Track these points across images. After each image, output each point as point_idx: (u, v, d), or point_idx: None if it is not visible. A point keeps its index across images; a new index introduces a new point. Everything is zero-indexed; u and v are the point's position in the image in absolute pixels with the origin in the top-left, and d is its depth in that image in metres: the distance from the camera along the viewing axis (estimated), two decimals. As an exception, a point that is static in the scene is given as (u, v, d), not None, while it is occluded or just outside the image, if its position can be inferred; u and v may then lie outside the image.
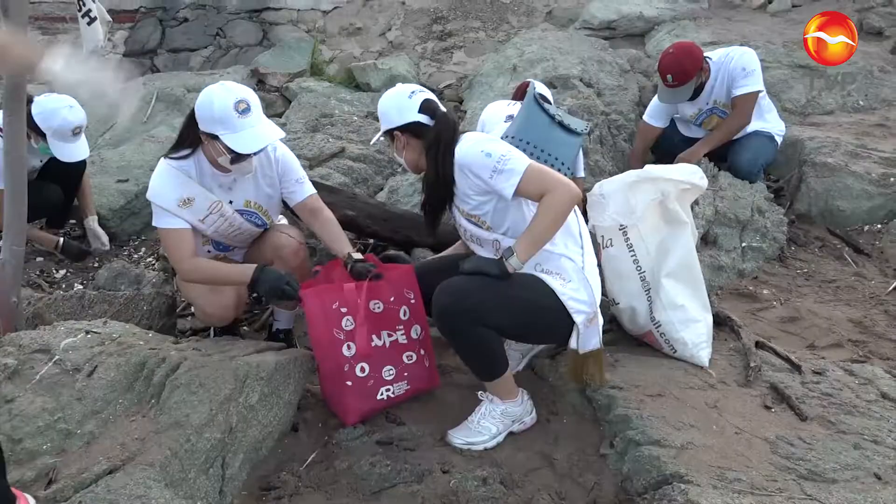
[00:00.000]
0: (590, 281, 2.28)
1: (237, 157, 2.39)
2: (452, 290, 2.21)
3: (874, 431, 2.24)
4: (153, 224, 2.50)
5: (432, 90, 5.77)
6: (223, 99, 2.32)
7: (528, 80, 3.83)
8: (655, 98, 3.98)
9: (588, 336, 2.30)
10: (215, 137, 2.35)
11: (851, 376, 2.56)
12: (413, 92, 2.35)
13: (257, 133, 2.36)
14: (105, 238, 3.85)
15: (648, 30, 6.29)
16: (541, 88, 3.65)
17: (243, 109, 2.32)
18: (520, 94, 3.69)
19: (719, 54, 3.82)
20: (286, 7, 6.89)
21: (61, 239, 3.71)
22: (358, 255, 2.53)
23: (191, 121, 2.43)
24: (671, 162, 3.82)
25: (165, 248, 2.46)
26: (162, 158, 2.53)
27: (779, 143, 3.96)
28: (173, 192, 2.45)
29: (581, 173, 3.28)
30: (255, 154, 2.42)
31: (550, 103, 3.57)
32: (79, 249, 3.74)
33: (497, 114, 3.18)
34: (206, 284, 2.53)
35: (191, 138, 2.46)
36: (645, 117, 4.10)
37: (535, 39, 5.74)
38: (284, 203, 2.74)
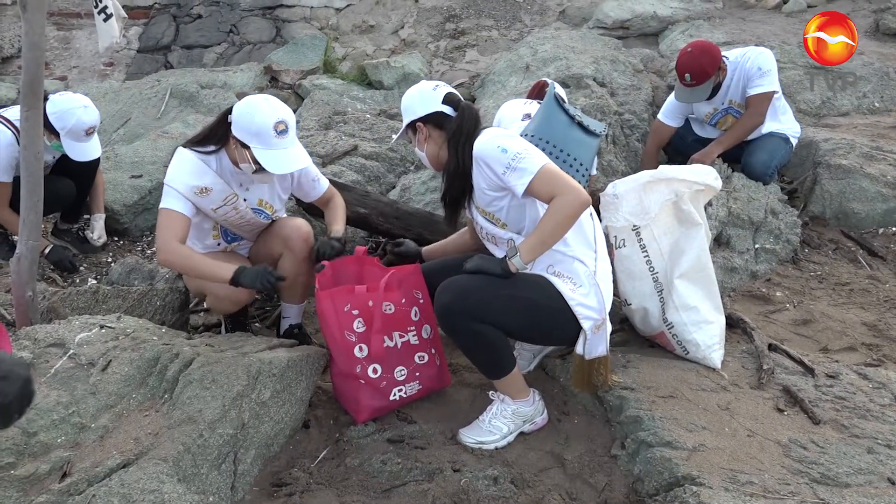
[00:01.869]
0: (601, 287, 2.27)
1: (260, 170, 2.43)
2: (454, 288, 2.22)
3: (888, 436, 2.22)
4: (160, 206, 2.49)
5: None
6: (265, 115, 2.38)
7: (545, 79, 3.82)
8: (671, 97, 3.96)
9: (595, 343, 2.29)
10: (246, 147, 2.41)
11: (865, 380, 2.54)
12: (437, 85, 2.40)
13: (289, 156, 2.43)
14: (100, 236, 3.83)
15: (662, 29, 6.28)
16: (558, 89, 3.65)
17: (281, 130, 2.39)
18: (535, 92, 3.68)
19: (736, 54, 3.79)
20: (299, 4, 6.91)
21: (50, 245, 3.63)
22: (337, 235, 2.67)
23: (222, 121, 2.47)
24: (684, 162, 3.82)
25: (158, 226, 2.47)
26: (181, 147, 2.55)
27: (794, 145, 3.93)
28: (192, 180, 2.47)
29: (593, 171, 3.27)
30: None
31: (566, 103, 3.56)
32: (61, 258, 3.61)
33: (514, 112, 3.17)
34: (183, 273, 2.53)
35: (219, 136, 2.50)
36: (659, 116, 4.08)
37: (549, 38, 5.73)
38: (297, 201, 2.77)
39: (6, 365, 1.28)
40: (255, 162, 2.41)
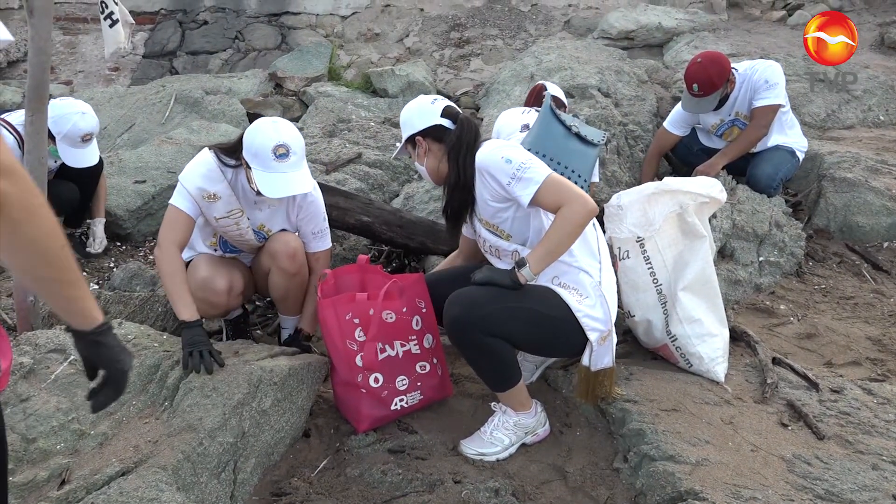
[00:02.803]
0: (606, 298, 2.26)
1: (261, 192, 2.42)
2: (463, 300, 2.20)
3: (893, 452, 2.20)
4: (170, 200, 2.50)
5: (448, 97, 5.81)
6: (266, 137, 2.37)
7: (541, 82, 3.81)
8: (678, 106, 3.96)
9: (601, 354, 2.28)
10: (249, 167, 2.42)
11: (870, 395, 2.52)
12: (435, 99, 2.40)
13: (285, 180, 2.40)
14: (101, 243, 3.84)
15: (667, 41, 6.28)
16: (554, 90, 3.64)
17: (281, 154, 2.37)
18: (532, 97, 3.68)
19: (745, 66, 3.79)
20: (305, 11, 6.93)
21: None
22: (306, 332, 2.82)
23: (241, 139, 2.48)
24: (689, 171, 3.82)
25: (164, 222, 2.49)
26: (208, 149, 2.55)
27: (800, 159, 3.91)
28: (203, 183, 2.48)
29: (596, 178, 3.25)
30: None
31: (564, 104, 3.57)
32: (73, 246, 3.66)
33: (512, 122, 3.17)
34: (162, 277, 2.51)
35: (238, 153, 2.49)
36: (665, 124, 4.07)
37: (554, 48, 5.74)
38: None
39: (121, 341, 1.41)
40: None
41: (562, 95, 3.65)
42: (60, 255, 1.15)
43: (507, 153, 2.21)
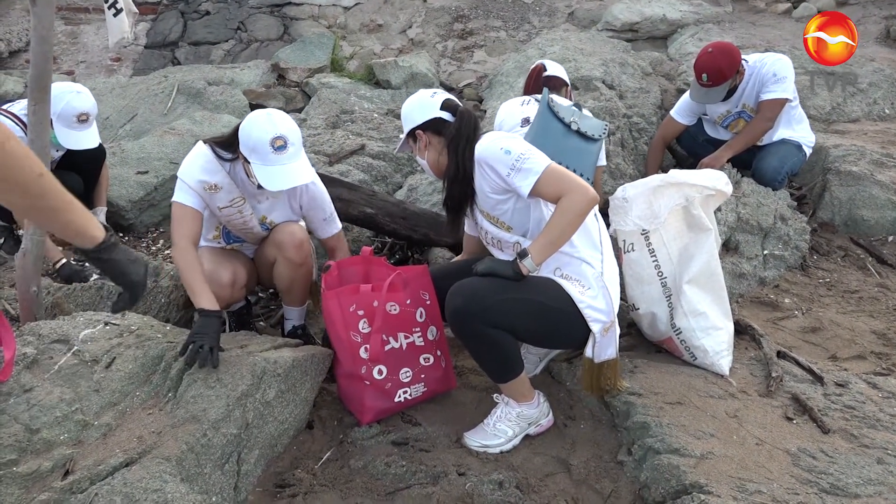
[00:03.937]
0: (609, 289, 2.25)
1: (262, 186, 2.41)
2: (465, 291, 2.19)
3: (898, 446, 2.20)
4: (172, 199, 2.48)
5: (451, 89, 5.80)
6: (262, 131, 2.36)
7: (540, 62, 3.78)
8: (686, 95, 3.93)
9: (604, 345, 2.28)
10: (248, 161, 2.40)
11: (875, 389, 2.52)
12: (435, 92, 2.41)
13: (286, 172, 2.39)
14: None
15: (671, 33, 6.26)
16: (554, 69, 3.62)
17: (279, 146, 2.35)
18: (532, 80, 3.66)
19: (755, 58, 3.76)
20: (307, 2, 6.90)
21: (63, 259, 3.51)
22: None
23: (237, 132, 2.46)
24: (694, 161, 3.80)
25: (172, 221, 2.48)
26: (202, 142, 2.54)
27: (807, 154, 3.88)
28: (202, 175, 2.47)
29: (602, 161, 3.21)
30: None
31: (566, 83, 3.54)
32: (71, 275, 3.44)
33: (513, 115, 3.15)
34: (180, 273, 2.46)
35: (234, 147, 2.48)
36: (672, 113, 4.05)
37: (558, 40, 5.71)
38: None
39: (132, 253, 1.56)
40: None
41: (563, 74, 3.62)
42: (39, 183, 1.19)
43: (506, 144, 2.21)
